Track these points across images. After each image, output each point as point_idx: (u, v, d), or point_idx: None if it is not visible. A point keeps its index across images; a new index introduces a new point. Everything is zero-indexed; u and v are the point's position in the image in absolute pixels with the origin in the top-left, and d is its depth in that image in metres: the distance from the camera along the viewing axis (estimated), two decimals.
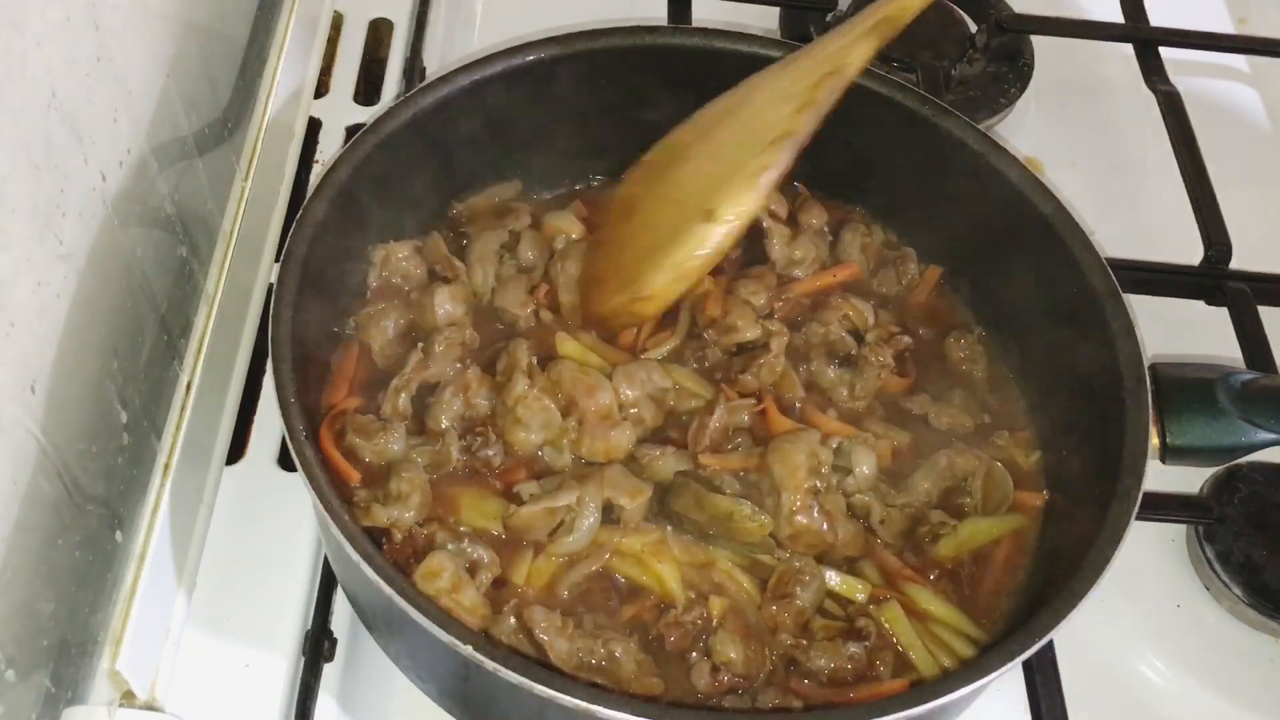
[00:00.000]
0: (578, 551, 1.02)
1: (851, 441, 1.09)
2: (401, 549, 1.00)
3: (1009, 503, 1.09)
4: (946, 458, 1.10)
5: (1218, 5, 1.75)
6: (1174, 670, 1.17)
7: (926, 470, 1.10)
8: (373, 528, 1.00)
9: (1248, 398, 1.03)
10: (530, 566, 1.02)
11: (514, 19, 1.54)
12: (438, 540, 1.00)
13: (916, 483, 1.09)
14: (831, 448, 1.07)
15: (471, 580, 0.98)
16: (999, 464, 1.10)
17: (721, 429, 1.09)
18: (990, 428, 1.15)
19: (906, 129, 1.18)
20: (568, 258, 1.18)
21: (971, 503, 1.10)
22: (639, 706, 0.83)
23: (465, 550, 1.00)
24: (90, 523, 0.99)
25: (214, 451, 1.16)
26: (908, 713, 0.85)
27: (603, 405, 1.07)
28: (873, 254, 1.24)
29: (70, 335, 0.94)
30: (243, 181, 1.26)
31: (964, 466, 1.10)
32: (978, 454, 1.10)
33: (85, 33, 0.94)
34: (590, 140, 1.26)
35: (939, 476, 1.10)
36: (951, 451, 1.10)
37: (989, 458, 1.11)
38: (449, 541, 1.00)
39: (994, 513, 1.08)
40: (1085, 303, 1.06)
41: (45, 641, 0.93)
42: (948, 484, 1.10)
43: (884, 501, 1.08)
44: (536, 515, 1.02)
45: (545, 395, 1.07)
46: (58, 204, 0.91)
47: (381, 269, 1.15)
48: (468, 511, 1.04)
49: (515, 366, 1.08)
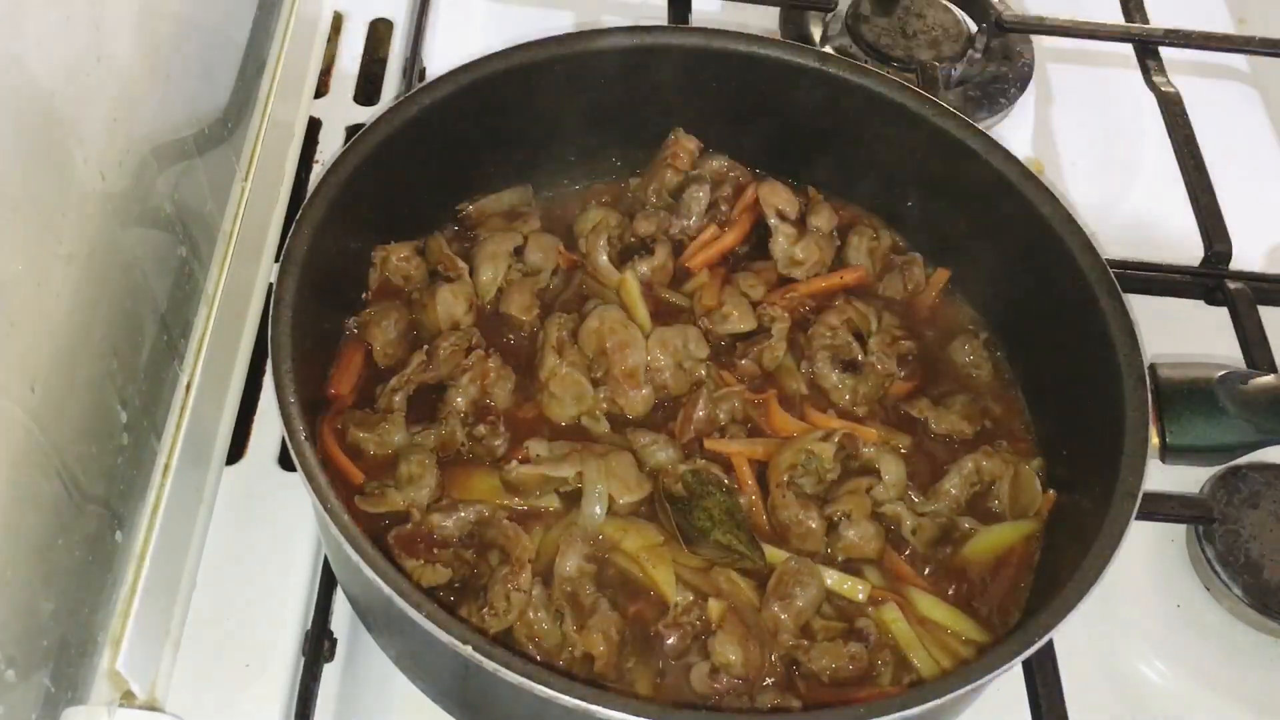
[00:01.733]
0: (587, 533, 1.03)
1: (879, 450, 1.09)
2: (418, 533, 1.00)
3: (1038, 504, 1.08)
4: (973, 461, 1.10)
5: (1218, 5, 1.75)
6: (1174, 670, 1.17)
7: (954, 475, 1.09)
8: (388, 514, 1.02)
9: (1248, 398, 1.03)
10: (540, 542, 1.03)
11: (514, 19, 1.55)
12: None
13: (945, 489, 1.09)
14: (834, 442, 1.08)
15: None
16: (1026, 466, 1.10)
17: (707, 418, 1.09)
18: (991, 434, 1.14)
19: (906, 129, 1.18)
20: (601, 235, 1.19)
21: (1000, 506, 1.10)
22: (639, 706, 0.83)
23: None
24: (90, 523, 0.99)
25: (214, 451, 1.16)
26: (908, 713, 0.85)
27: (631, 364, 1.10)
28: (880, 258, 1.24)
29: (70, 335, 0.94)
30: (243, 181, 1.26)
31: (991, 470, 1.10)
32: (1005, 456, 1.10)
33: (85, 33, 0.94)
34: (590, 140, 1.26)
35: (966, 481, 1.10)
36: (979, 455, 1.10)
37: (1016, 460, 1.11)
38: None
39: (1022, 516, 1.08)
40: (1085, 303, 1.06)
41: (45, 641, 0.93)
42: (975, 489, 1.10)
43: (913, 510, 1.08)
44: (534, 478, 1.03)
45: (576, 368, 1.10)
46: (58, 204, 0.91)
47: (382, 270, 1.15)
48: (479, 489, 1.05)
49: (546, 343, 1.11)
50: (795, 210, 1.23)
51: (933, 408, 1.15)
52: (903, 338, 1.18)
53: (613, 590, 1.02)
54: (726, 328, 1.16)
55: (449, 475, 1.05)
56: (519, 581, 0.97)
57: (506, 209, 1.24)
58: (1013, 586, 1.06)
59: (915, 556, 1.07)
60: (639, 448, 1.08)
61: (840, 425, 1.10)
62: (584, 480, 1.04)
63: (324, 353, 1.10)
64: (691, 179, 1.24)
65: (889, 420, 1.14)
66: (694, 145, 1.25)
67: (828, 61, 1.19)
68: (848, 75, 1.18)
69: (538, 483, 1.04)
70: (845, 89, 1.19)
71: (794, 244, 1.21)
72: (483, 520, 1.03)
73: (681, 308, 1.19)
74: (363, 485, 1.04)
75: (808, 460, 1.07)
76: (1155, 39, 1.54)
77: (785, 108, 1.22)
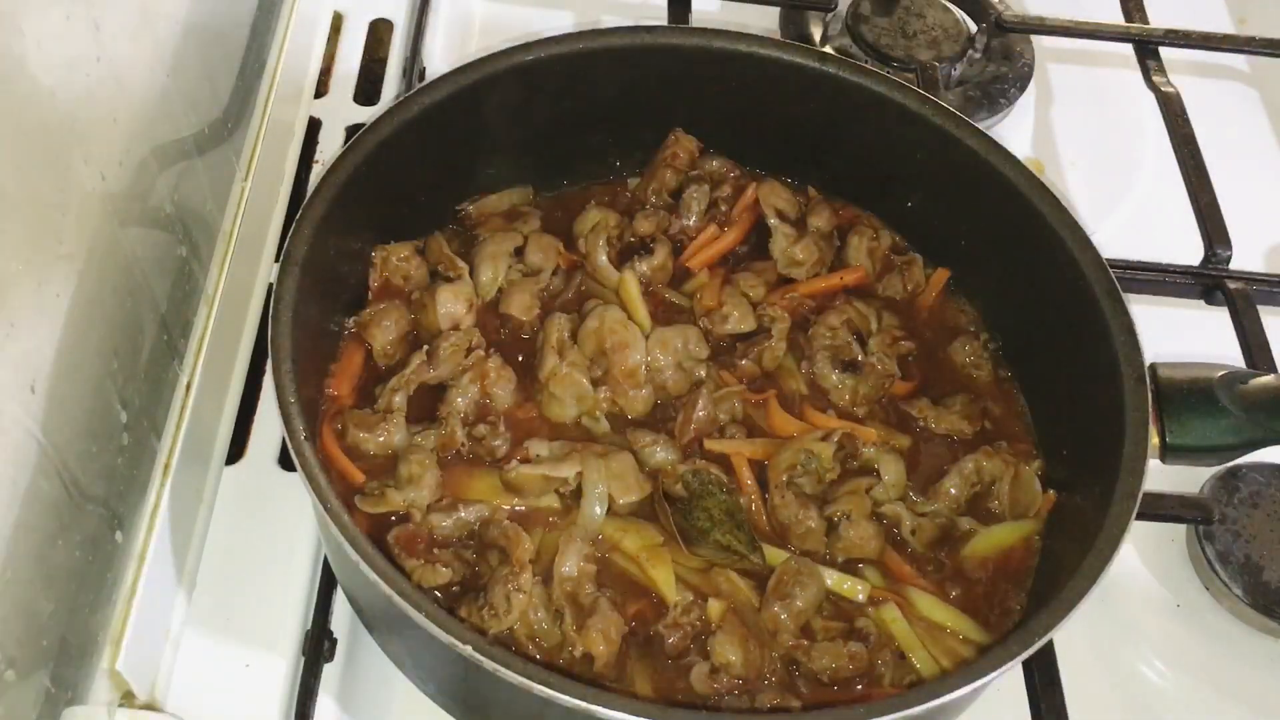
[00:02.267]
0: (587, 533, 1.03)
1: (879, 450, 1.09)
2: (418, 533, 1.01)
3: (1037, 505, 1.08)
4: (974, 462, 1.10)
5: (1218, 5, 1.75)
6: (1174, 670, 1.16)
7: (954, 476, 1.09)
8: (387, 514, 1.02)
9: (1248, 397, 1.03)
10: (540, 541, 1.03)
11: (514, 19, 1.55)
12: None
13: (944, 489, 1.09)
14: (834, 442, 1.08)
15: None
16: (1026, 467, 1.10)
17: (708, 418, 1.10)
18: (991, 434, 1.14)
19: (906, 129, 1.18)
20: (600, 235, 1.19)
21: (1000, 507, 1.10)
22: (639, 706, 0.83)
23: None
24: (90, 523, 0.99)
25: (214, 451, 1.16)
26: (908, 712, 0.85)
27: (631, 364, 1.10)
28: (880, 258, 1.24)
29: (70, 335, 0.94)
30: (242, 181, 1.26)
31: (991, 471, 1.10)
32: (1005, 457, 1.10)
33: (85, 33, 0.94)
34: (589, 140, 1.26)
35: (966, 482, 1.09)
36: (979, 455, 1.10)
37: (1016, 460, 1.10)
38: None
39: (1022, 516, 1.08)
40: (1085, 303, 1.06)
41: (45, 641, 0.93)
42: (975, 489, 1.10)
43: (913, 510, 1.08)
44: (534, 479, 1.03)
45: (575, 368, 1.09)
46: (58, 204, 0.91)
47: (382, 270, 1.15)
48: (479, 489, 1.05)
49: (545, 343, 1.11)
50: (795, 210, 1.23)
51: (932, 408, 1.15)
52: (903, 338, 1.18)
53: (613, 590, 1.02)
54: (727, 328, 1.16)
55: (449, 475, 1.05)
56: (519, 582, 0.97)
57: (506, 209, 1.24)
58: (1013, 586, 1.06)
59: (915, 557, 1.07)
60: (639, 448, 1.08)
61: (840, 425, 1.10)
62: (584, 480, 1.04)
63: (324, 353, 1.10)
64: (691, 179, 1.24)
65: (889, 420, 1.14)
66: (693, 145, 1.25)
67: (827, 61, 1.19)
68: (847, 75, 1.18)
69: (538, 483, 1.04)
70: (845, 89, 1.18)
71: (794, 244, 1.21)
72: (483, 520, 1.03)
73: (681, 308, 1.19)
74: (363, 485, 1.04)
75: (807, 460, 1.07)
76: (1155, 39, 1.54)
77: (785, 108, 1.22)
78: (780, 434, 1.11)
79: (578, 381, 1.10)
